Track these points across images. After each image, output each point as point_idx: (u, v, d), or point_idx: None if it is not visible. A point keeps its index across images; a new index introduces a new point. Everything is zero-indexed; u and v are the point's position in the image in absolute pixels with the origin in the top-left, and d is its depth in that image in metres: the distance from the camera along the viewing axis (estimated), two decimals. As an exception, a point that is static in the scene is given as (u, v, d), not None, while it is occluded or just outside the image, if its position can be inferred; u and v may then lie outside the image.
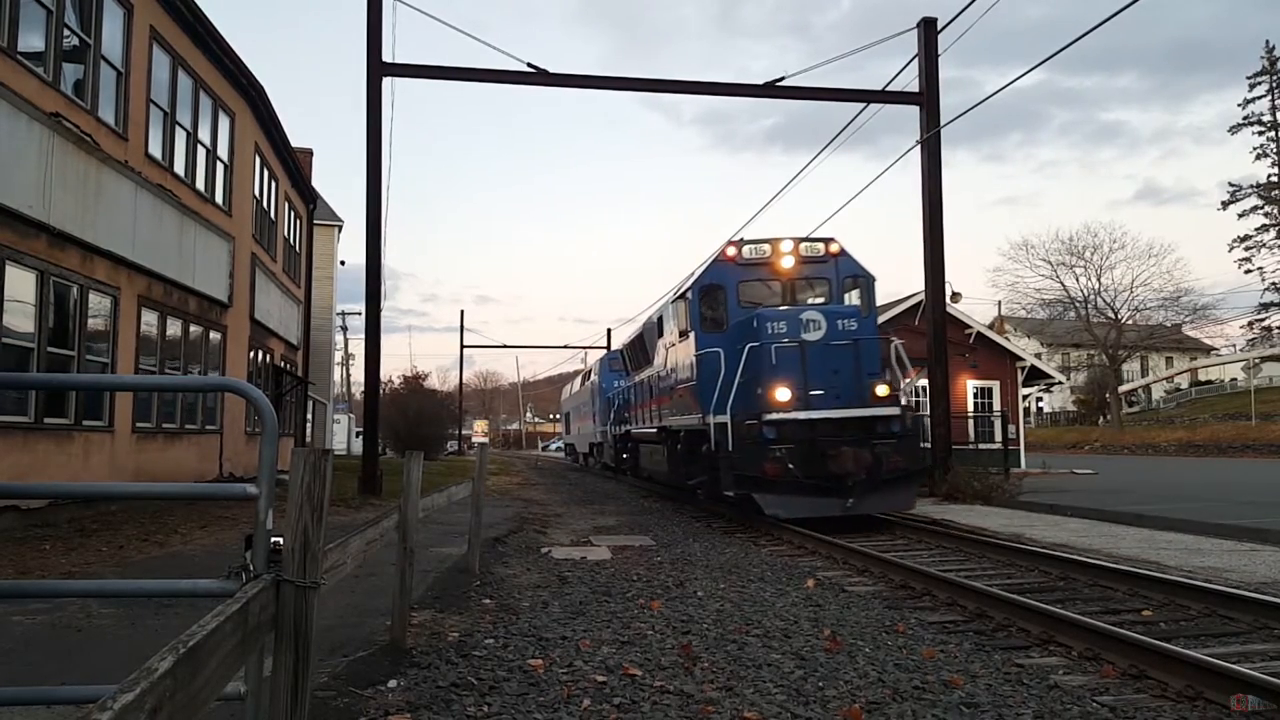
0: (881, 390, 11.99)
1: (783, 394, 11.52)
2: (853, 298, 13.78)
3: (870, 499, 11.47)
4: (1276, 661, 5.14)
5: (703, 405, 12.54)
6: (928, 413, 17.24)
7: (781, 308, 12.92)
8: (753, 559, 9.50)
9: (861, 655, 5.32)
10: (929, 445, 16.12)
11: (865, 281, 13.85)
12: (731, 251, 13.62)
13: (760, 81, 17.69)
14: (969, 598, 6.83)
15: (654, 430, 17.25)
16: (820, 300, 13.66)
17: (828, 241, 13.81)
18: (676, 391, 14.74)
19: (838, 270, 13.73)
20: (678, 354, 14.66)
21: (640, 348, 19.22)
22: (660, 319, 16.61)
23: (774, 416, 11.49)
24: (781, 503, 11.19)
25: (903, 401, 12.25)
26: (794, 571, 8.60)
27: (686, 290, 14.06)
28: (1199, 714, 4.29)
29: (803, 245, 13.64)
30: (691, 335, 13.62)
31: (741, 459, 11.40)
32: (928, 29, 17.55)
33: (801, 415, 11.50)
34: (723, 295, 13.52)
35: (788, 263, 13.56)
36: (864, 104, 18.05)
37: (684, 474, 14.66)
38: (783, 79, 17.44)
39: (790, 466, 11.22)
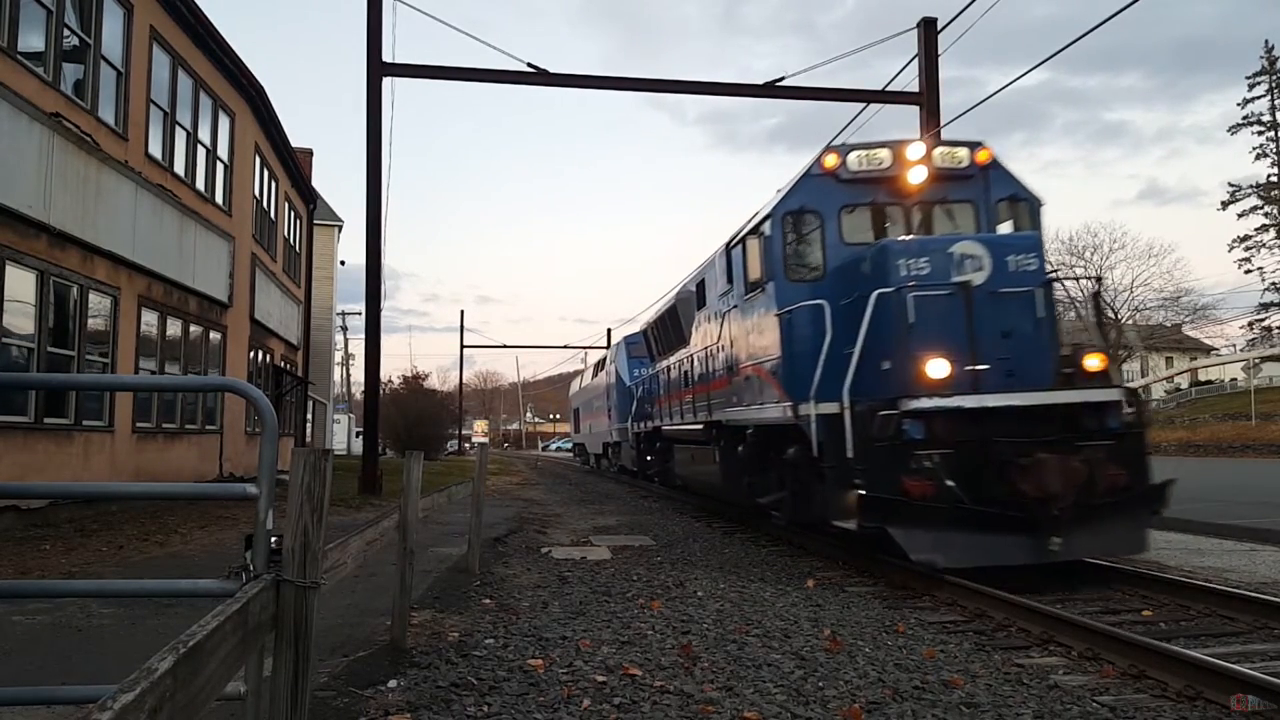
0: (1093, 362, 8.05)
1: (937, 369, 7.49)
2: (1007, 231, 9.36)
3: (1081, 537, 7.16)
4: (1276, 661, 5.14)
5: (791, 388, 8.74)
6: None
7: (918, 237, 8.77)
8: (753, 559, 9.50)
9: (861, 655, 5.32)
10: None
11: (1029, 207, 9.43)
12: (830, 161, 9.21)
13: (762, 81, 17.71)
14: (969, 598, 6.83)
15: (698, 427, 13.13)
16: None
17: (975, 146, 9.36)
18: (739, 372, 10.72)
19: (988, 189, 9.33)
20: (740, 320, 10.71)
21: (671, 325, 15.35)
22: (701, 283, 12.86)
23: (922, 404, 7.30)
24: (938, 543, 7.05)
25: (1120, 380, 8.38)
26: (794, 571, 8.60)
27: (761, 221, 9.63)
28: (1199, 714, 4.29)
29: (939, 151, 9.27)
30: (768, 287, 9.47)
31: (869, 471, 7.38)
32: (927, 29, 17.56)
33: (969, 402, 7.38)
34: (818, 226, 9.24)
35: (917, 176, 9.13)
36: (864, 104, 18.06)
37: (748, 487, 10.73)
38: (783, 79, 17.45)
39: (949, 484, 7.16)
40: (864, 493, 7.35)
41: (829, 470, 8.03)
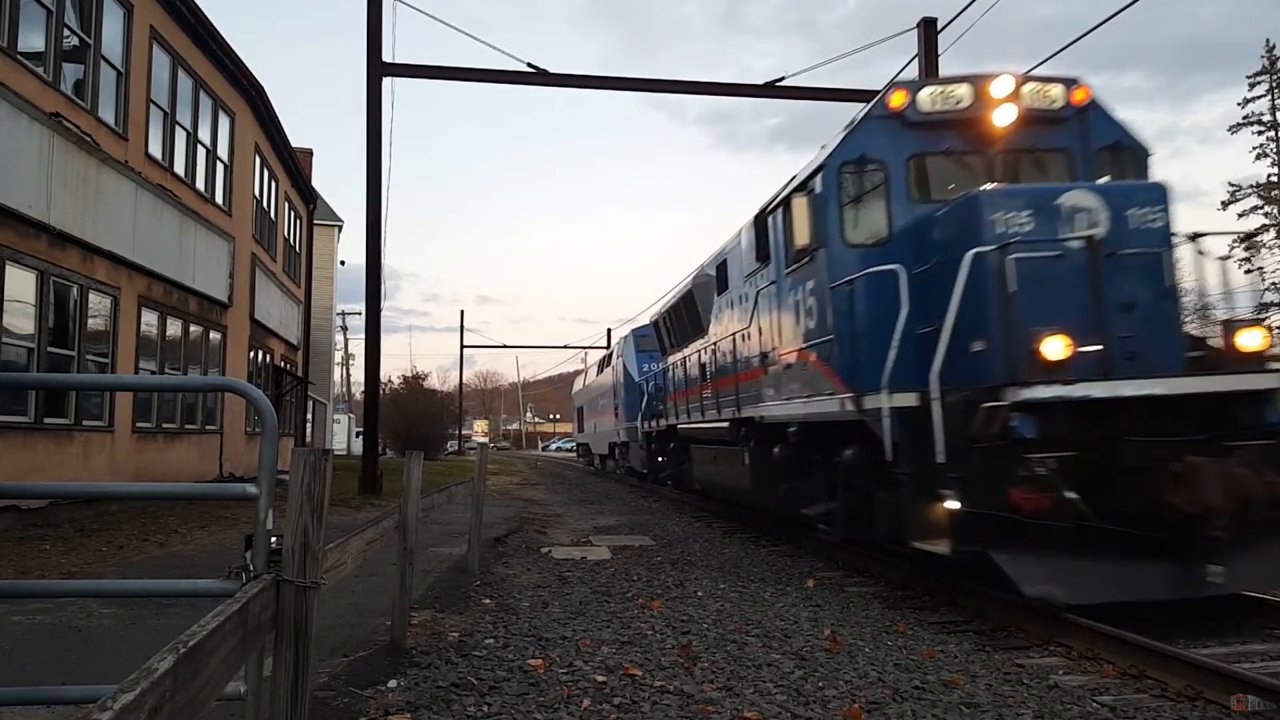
0: (1250, 338, 6.49)
1: (1055, 348, 5.97)
2: None
3: (1243, 563, 5.68)
4: (1276, 662, 5.14)
5: (852, 376, 7.29)
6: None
7: (1016, 186, 7.29)
8: (753, 559, 9.50)
9: (861, 655, 5.33)
10: None
11: (1134, 157, 7.93)
12: (897, 100, 7.80)
13: (763, 81, 17.72)
14: (969, 598, 6.82)
15: (722, 425, 11.66)
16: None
17: (1070, 83, 7.87)
18: (777, 360, 9.27)
19: (1086, 135, 7.84)
20: (777, 298, 9.21)
21: (687, 313, 13.97)
22: (722, 265, 11.64)
23: (1038, 393, 5.79)
24: (1057, 572, 5.61)
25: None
26: (794, 571, 8.60)
27: (811, 175, 8.19)
28: (1199, 714, 4.29)
29: (1028, 89, 7.75)
30: (820, 255, 7.95)
31: (966, 480, 5.96)
32: (928, 29, 17.57)
33: (1099, 391, 5.88)
34: (882, 180, 7.76)
35: (1003, 118, 7.68)
36: (865, 104, 18.06)
37: (785, 495, 9.33)
38: (783, 79, 17.46)
39: (1070, 496, 5.59)
40: (958, 507, 5.96)
41: (907, 478, 6.53)
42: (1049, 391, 5.79)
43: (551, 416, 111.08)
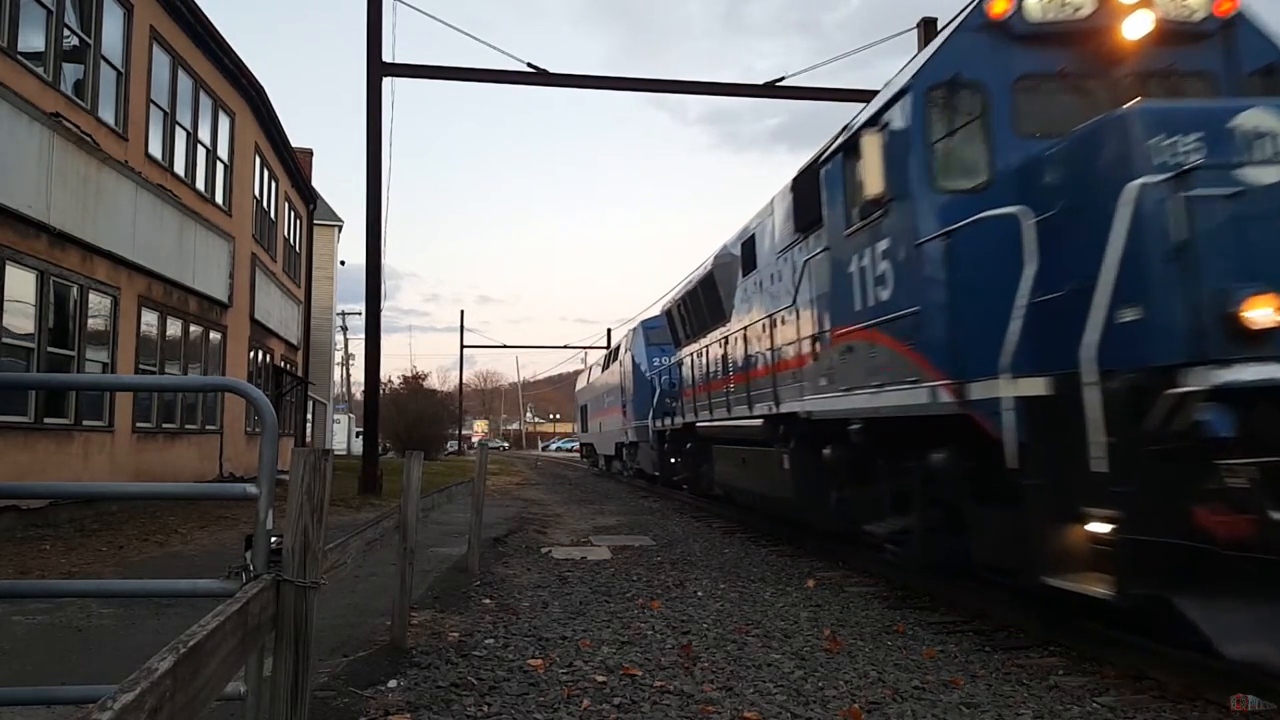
0: None
1: (1262, 314, 4.40)
2: None
3: None
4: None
5: (949, 358, 5.73)
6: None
7: (1178, 104, 5.63)
8: (753, 558, 9.50)
9: (861, 655, 5.33)
10: None
11: None
12: (999, 6, 6.13)
13: (764, 81, 17.73)
14: (969, 598, 6.82)
15: (754, 422, 10.15)
16: None
17: None
18: (830, 342, 7.72)
19: (1233, 54, 6.25)
20: (833, 267, 7.59)
21: (706, 299, 12.80)
22: (749, 241, 10.53)
23: (1241, 376, 4.31)
24: (1267, 625, 4.08)
25: None
26: (794, 571, 8.60)
27: (886, 106, 6.82)
28: (1199, 714, 4.28)
29: None
30: (897, 207, 6.34)
31: (1133, 496, 4.47)
32: (928, 29, 17.60)
33: None
34: (979, 107, 6.08)
35: (1135, 29, 6.03)
36: (865, 104, 18.07)
37: (839, 506, 8.16)
38: (784, 79, 17.46)
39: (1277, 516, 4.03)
40: (1111, 531, 4.57)
41: (1036, 491, 5.06)
42: (1261, 371, 4.27)
43: (552, 416, 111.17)
